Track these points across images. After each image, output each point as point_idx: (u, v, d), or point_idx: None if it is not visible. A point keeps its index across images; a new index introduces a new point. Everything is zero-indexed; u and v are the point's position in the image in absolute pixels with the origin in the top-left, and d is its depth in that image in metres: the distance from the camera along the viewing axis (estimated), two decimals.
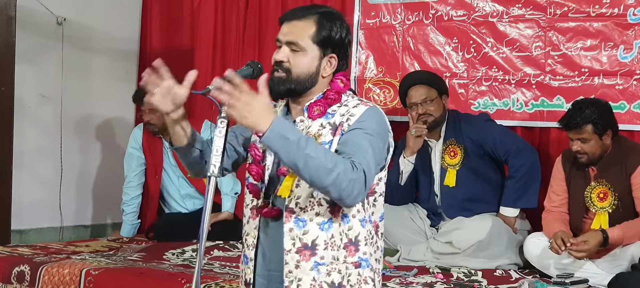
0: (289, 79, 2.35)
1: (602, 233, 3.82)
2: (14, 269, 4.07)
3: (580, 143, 3.91)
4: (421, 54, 5.00)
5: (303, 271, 2.29)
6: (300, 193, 2.31)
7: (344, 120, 2.31)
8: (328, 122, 2.33)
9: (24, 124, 5.15)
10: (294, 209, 2.31)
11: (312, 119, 2.35)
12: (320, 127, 2.33)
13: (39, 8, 5.24)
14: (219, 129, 2.25)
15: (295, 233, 2.30)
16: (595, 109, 3.91)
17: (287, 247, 2.30)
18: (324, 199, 2.29)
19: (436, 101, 4.44)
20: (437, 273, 4.03)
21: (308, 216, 2.30)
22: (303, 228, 2.30)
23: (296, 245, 2.30)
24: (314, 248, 2.29)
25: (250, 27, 5.62)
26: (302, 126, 2.35)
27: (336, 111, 2.35)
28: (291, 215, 2.31)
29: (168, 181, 5.13)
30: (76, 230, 5.59)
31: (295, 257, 2.30)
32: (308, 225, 2.29)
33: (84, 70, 5.63)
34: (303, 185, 2.29)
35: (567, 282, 3.74)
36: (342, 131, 2.30)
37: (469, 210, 4.41)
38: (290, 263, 2.30)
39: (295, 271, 2.30)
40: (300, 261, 2.29)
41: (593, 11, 4.50)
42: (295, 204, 2.31)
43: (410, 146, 4.46)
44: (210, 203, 2.20)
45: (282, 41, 2.38)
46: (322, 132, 2.31)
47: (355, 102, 2.37)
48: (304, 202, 2.30)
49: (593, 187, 3.96)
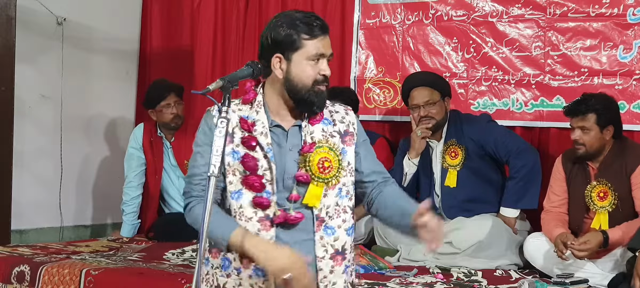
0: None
1: (602, 234, 3.82)
2: (14, 269, 4.06)
3: (581, 132, 3.92)
4: (421, 54, 5.00)
5: (337, 275, 2.43)
6: (329, 203, 2.42)
7: (349, 128, 2.48)
8: (333, 130, 2.45)
9: (24, 124, 5.15)
10: (324, 218, 2.41)
11: (312, 125, 2.45)
12: (324, 133, 2.44)
13: (39, 8, 5.24)
14: (219, 129, 2.25)
15: (326, 241, 2.41)
16: (602, 101, 3.95)
17: (319, 254, 2.41)
18: (348, 206, 2.44)
19: (439, 103, 4.44)
20: (437, 274, 4.02)
21: (336, 223, 2.43)
22: (333, 235, 2.42)
23: (329, 251, 2.42)
24: (344, 252, 2.44)
25: (250, 27, 5.63)
26: (306, 132, 2.43)
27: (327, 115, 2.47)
28: (321, 224, 2.41)
29: (168, 181, 5.13)
30: (76, 230, 5.59)
31: (330, 263, 2.42)
32: (337, 232, 2.43)
33: (84, 70, 5.63)
34: (330, 194, 2.41)
35: (567, 282, 3.74)
36: (354, 143, 2.48)
37: (469, 211, 4.41)
38: (324, 269, 2.41)
39: (329, 276, 2.42)
40: (334, 266, 2.42)
41: (593, 11, 4.51)
42: (325, 213, 2.41)
43: (415, 148, 4.46)
44: (210, 203, 2.21)
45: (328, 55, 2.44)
46: (332, 140, 2.44)
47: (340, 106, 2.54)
48: (332, 211, 2.42)
49: (593, 185, 3.96)
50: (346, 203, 2.44)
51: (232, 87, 2.33)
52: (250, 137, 2.42)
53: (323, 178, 2.40)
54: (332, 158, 2.41)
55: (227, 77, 2.35)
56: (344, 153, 2.44)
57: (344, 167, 2.44)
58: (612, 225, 3.89)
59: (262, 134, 2.42)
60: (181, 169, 5.06)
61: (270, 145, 2.41)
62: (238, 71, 2.42)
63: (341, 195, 2.43)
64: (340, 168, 2.42)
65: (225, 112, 2.25)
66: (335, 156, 2.42)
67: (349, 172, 2.46)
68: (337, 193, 2.42)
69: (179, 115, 5.00)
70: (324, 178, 2.40)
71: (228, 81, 2.32)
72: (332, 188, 2.41)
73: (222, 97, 2.31)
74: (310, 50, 2.38)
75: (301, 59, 2.38)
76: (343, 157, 2.44)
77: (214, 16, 5.76)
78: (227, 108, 2.27)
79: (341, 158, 2.43)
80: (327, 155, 2.41)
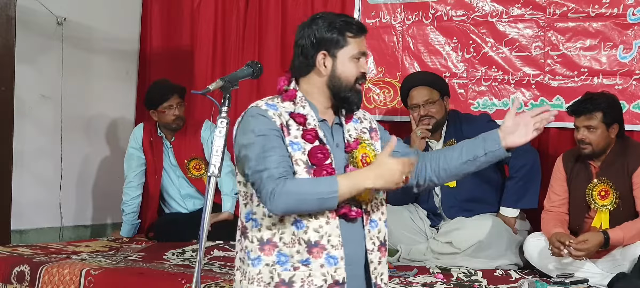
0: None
1: (603, 234, 3.81)
2: (14, 269, 4.07)
3: (587, 131, 3.91)
4: (421, 53, 5.00)
5: (383, 266, 2.55)
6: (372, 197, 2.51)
7: (372, 124, 2.62)
8: (363, 128, 2.58)
9: (24, 124, 5.15)
10: (369, 212, 2.50)
11: (346, 122, 2.56)
12: (357, 130, 2.55)
13: (39, 8, 5.25)
14: (219, 129, 2.26)
15: (373, 234, 2.51)
16: (607, 99, 3.96)
17: (369, 247, 2.50)
18: (383, 199, 2.57)
19: (438, 103, 4.44)
20: (437, 273, 4.03)
21: (377, 216, 2.53)
22: (376, 228, 2.52)
23: (376, 244, 2.52)
24: (385, 243, 2.56)
25: (250, 27, 5.62)
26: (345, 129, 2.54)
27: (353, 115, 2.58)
28: (368, 218, 2.50)
29: (168, 181, 5.13)
30: (76, 230, 5.59)
31: (378, 255, 2.52)
32: (379, 224, 2.54)
33: (84, 70, 5.63)
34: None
35: (567, 281, 3.74)
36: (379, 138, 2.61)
37: (469, 211, 4.41)
38: (374, 261, 2.51)
39: (379, 267, 2.53)
40: (381, 257, 2.54)
41: (592, 11, 4.51)
42: (370, 207, 2.50)
43: (415, 147, 4.46)
44: (210, 203, 2.21)
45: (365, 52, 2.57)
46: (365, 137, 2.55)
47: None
48: (374, 205, 2.52)
49: (595, 184, 3.96)
50: (382, 196, 2.55)
51: (232, 87, 2.34)
52: (311, 129, 2.46)
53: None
54: (370, 153, 2.50)
55: (227, 77, 2.35)
56: (376, 149, 2.55)
57: None
58: (613, 225, 3.89)
59: (318, 128, 2.48)
60: (181, 169, 5.06)
61: (326, 138, 2.48)
62: (238, 71, 2.43)
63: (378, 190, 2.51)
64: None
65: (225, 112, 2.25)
66: (372, 151, 2.52)
67: None
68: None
69: (180, 117, 4.99)
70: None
71: (228, 81, 2.33)
72: None
73: (222, 97, 2.31)
74: (353, 49, 2.50)
75: (345, 57, 2.49)
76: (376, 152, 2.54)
77: (214, 16, 5.75)
78: (228, 108, 2.28)
79: (376, 154, 2.52)
80: (365, 151, 2.50)
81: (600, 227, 3.92)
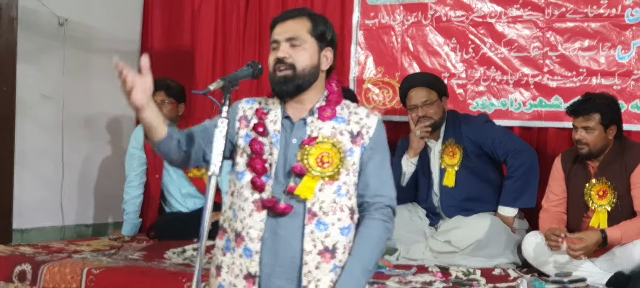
0: (295, 74, 2.43)
1: (601, 233, 3.82)
2: (15, 268, 4.07)
3: (584, 131, 3.92)
4: (420, 54, 5.02)
5: (322, 272, 2.39)
6: (324, 198, 2.39)
7: (363, 131, 2.44)
8: (344, 129, 2.43)
9: (25, 124, 5.16)
10: (316, 212, 2.39)
11: (322, 121, 2.44)
12: (334, 130, 2.43)
13: (41, 9, 5.25)
14: (219, 129, 2.27)
15: (317, 236, 2.38)
16: (606, 100, 3.96)
17: (307, 248, 2.38)
18: (346, 206, 2.41)
19: (436, 103, 4.46)
20: (436, 272, 4.03)
21: (330, 220, 2.40)
22: (325, 232, 2.39)
23: (317, 247, 2.38)
24: (334, 251, 2.39)
25: (251, 27, 5.64)
26: (313, 126, 2.43)
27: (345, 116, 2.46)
28: (313, 217, 2.39)
29: (169, 180, 5.13)
30: (77, 229, 5.60)
31: (317, 259, 2.38)
32: (330, 229, 2.39)
33: (86, 70, 5.64)
34: (326, 190, 2.39)
35: (565, 280, 3.75)
36: (363, 144, 2.43)
37: (468, 210, 4.41)
38: (310, 263, 2.38)
39: (315, 272, 2.38)
40: (321, 263, 2.38)
41: (591, 12, 4.52)
42: (319, 208, 2.39)
43: (414, 147, 4.48)
44: (210, 202, 2.23)
45: (280, 39, 2.47)
46: (341, 138, 2.42)
47: (364, 110, 2.50)
48: (327, 207, 2.39)
49: (593, 184, 3.97)
50: (345, 202, 2.41)
51: (233, 87, 2.35)
52: (259, 124, 2.46)
53: (320, 173, 2.38)
54: (333, 154, 2.39)
55: (228, 77, 2.37)
56: (350, 153, 2.42)
57: (347, 165, 2.41)
58: (611, 224, 3.89)
59: (274, 122, 2.46)
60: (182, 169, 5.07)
61: (277, 132, 2.44)
62: (238, 71, 2.44)
63: (340, 193, 2.41)
64: (341, 166, 2.40)
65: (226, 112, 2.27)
66: (337, 153, 2.40)
67: (353, 172, 2.43)
68: (335, 191, 2.40)
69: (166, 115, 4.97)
70: (321, 172, 2.38)
71: (228, 81, 2.34)
72: (329, 184, 2.39)
73: (223, 97, 2.33)
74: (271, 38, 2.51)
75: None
76: (348, 156, 2.41)
77: (215, 17, 5.76)
78: (228, 108, 2.30)
79: (344, 156, 2.40)
80: (329, 150, 2.39)
81: (598, 227, 3.92)
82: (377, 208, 2.45)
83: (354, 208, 2.44)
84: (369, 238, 2.42)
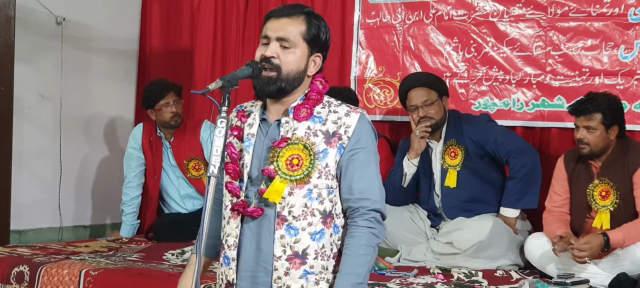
0: (279, 77, 2.35)
1: (603, 236, 3.80)
2: (13, 269, 4.07)
3: (586, 131, 3.91)
4: (421, 53, 4.99)
5: (292, 278, 2.31)
6: (294, 202, 2.32)
7: (340, 132, 2.33)
8: (319, 129, 2.34)
9: (23, 124, 5.14)
10: (286, 217, 2.32)
11: (298, 121, 2.35)
12: (308, 131, 2.34)
13: (39, 8, 5.23)
14: (219, 129, 2.24)
15: (286, 241, 2.31)
16: (608, 100, 3.95)
17: (277, 253, 2.31)
18: (317, 210, 2.32)
19: (437, 103, 4.43)
20: (437, 274, 4.02)
21: (300, 225, 2.31)
22: (294, 237, 2.31)
23: (287, 252, 2.31)
24: (305, 257, 2.31)
25: (250, 27, 5.62)
26: (288, 127, 2.35)
27: (323, 115, 2.36)
28: (283, 222, 2.32)
29: (167, 181, 5.12)
30: (75, 231, 5.58)
31: (286, 265, 2.31)
32: (300, 234, 2.31)
33: (84, 70, 5.63)
34: (297, 193, 2.31)
35: (568, 282, 3.73)
36: (340, 144, 2.32)
37: (469, 211, 4.40)
38: (279, 269, 2.31)
39: (284, 278, 2.31)
40: (290, 269, 2.31)
41: (594, 11, 4.50)
42: (288, 212, 2.31)
43: (415, 148, 4.45)
44: (210, 203, 2.20)
45: (272, 37, 2.38)
46: (315, 140, 2.32)
47: (344, 108, 2.39)
48: (297, 211, 2.31)
49: (596, 184, 3.96)
50: (316, 207, 2.31)
51: (232, 87, 2.32)
52: (235, 127, 2.43)
53: (289, 176, 2.30)
54: (304, 156, 2.30)
55: (227, 77, 2.33)
56: (323, 155, 2.31)
57: (319, 168, 2.31)
58: (614, 225, 3.89)
59: (251, 125, 2.41)
60: (180, 169, 5.06)
61: (252, 136, 2.39)
62: (238, 71, 2.40)
63: (311, 197, 2.31)
64: (312, 169, 2.31)
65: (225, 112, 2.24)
66: (307, 155, 2.30)
67: (325, 175, 2.32)
68: (306, 194, 2.31)
69: (178, 114, 4.99)
70: (290, 175, 2.30)
71: (228, 81, 2.31)
72: (299, 188, 2.31)
73: (222, 97, 2.30)
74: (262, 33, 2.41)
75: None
76: (320, 158, 2.31)
77: (214, 16, 5.75)
78: (228, 108, 2.26)
79: (315, 158, 2.31)
80: (299, 153, 2.30)
81: (600, 228, 3.91)
82: (362, 214, 2.32)
83: (327, 212, 2.33)
84: (356, 249, 2.31)
